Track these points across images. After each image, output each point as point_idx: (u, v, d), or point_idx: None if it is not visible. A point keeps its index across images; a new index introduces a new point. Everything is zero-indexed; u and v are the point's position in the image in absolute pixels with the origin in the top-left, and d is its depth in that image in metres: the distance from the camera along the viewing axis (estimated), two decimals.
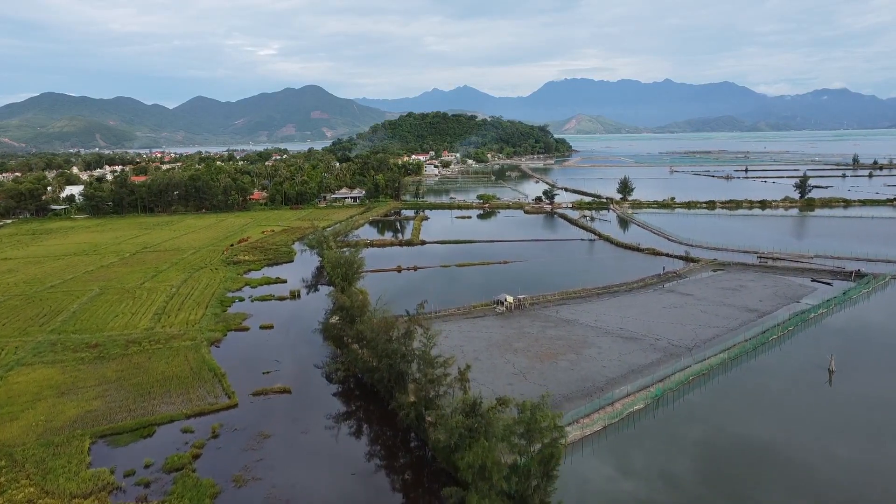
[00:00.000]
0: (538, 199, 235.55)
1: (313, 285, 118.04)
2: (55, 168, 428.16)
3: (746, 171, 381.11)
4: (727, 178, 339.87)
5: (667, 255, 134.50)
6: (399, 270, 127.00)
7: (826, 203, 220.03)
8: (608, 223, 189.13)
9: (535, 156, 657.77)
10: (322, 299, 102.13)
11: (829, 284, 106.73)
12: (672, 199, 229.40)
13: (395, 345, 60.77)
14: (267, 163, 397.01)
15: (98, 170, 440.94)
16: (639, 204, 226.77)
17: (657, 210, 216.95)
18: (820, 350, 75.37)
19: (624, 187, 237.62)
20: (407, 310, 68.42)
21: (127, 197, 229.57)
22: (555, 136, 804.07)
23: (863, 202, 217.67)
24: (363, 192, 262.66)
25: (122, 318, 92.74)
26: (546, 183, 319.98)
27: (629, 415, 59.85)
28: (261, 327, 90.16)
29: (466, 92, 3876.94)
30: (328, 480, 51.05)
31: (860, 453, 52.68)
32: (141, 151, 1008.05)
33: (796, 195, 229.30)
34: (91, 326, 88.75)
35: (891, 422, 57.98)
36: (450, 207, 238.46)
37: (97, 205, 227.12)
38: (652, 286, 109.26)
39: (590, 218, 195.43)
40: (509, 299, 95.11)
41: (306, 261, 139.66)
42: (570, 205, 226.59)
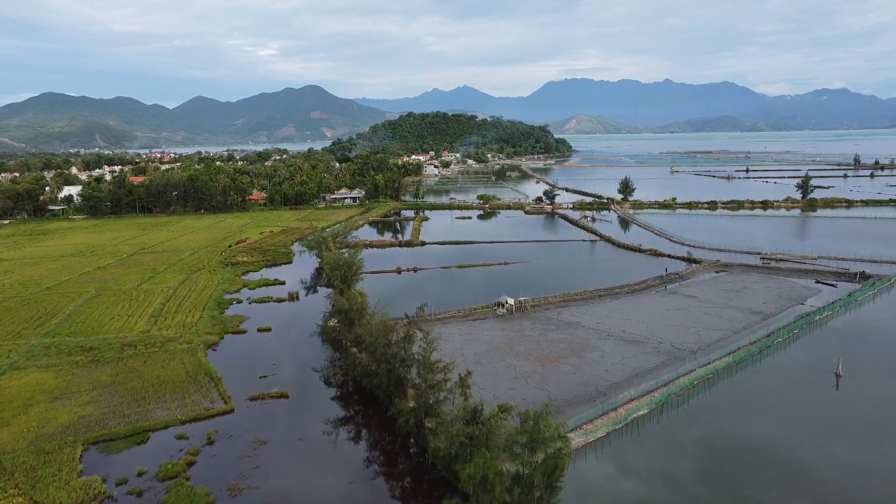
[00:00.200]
0: (539, 200, 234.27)
1: (312, 287, 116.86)
2: (54, 168, 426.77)
3: (747, 172, 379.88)
4: (728, 179, 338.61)
5: (669, 257, 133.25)
6: (399, 272, 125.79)
7: (828, 203, 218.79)
8: (609, 224, 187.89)
9: (536, 156, 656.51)
10: (321, 301, 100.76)
11: (834, 286, 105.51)
12: (673, 200, 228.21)
13: (395, 349, 59.59)
14: (266, 163, 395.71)
15: (97, 170, 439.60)
16: (640, 204, 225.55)
17: (658, 210, 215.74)
18: (826, 353, 74.14)
19: (625, 188, 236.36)
20: (406, 313, 67.25)
21: (125, 197, 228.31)
22: (555, 136, 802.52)
23: (865, 202, 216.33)
24: (363, 193, 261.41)
25: (118, 321, 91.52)
26: (546, 183, 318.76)
27: (633, 420, 58.63)
28: (258, 330, 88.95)
29: (466, 92, 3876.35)
30: (325, 489, 49.83)
31: (871, 458, 51.51)
32: (140, 151, 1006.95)
33: (798, 195, 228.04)
34: (86, 329, 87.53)
35: None
36: (450, 208, 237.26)
37: (95, 205, 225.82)
38: (654, 288, 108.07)
39: (591, 218, 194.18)
40: (510, 301, 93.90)
41: (305, 262, 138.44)
42: (571, 205, 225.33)
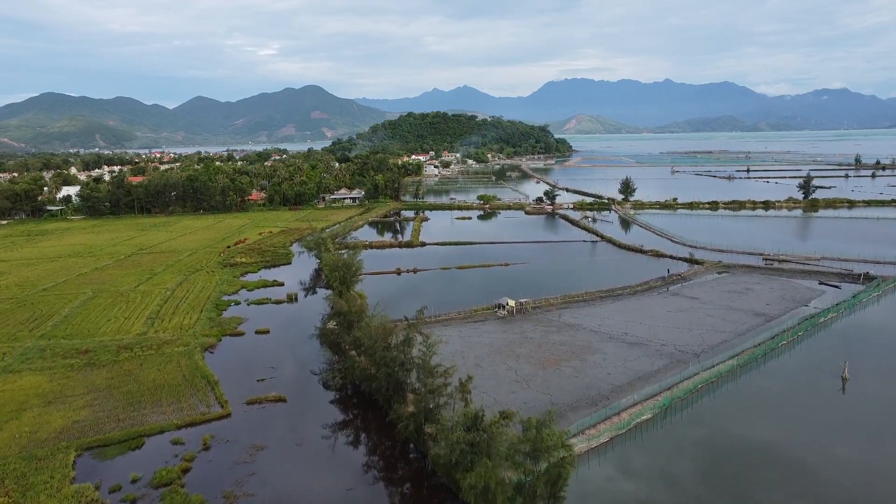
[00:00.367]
0: (539, 200, 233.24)
1: (311, 288, 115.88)
2: (53, 168, 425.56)
3: (748, 172, 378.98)
4: (729, 179, 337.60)
5: (670, 258, 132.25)
6: (398, 273, 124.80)
7: (830, 204, 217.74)
8: (610, 224, 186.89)
9: (536, 156, 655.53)
10: (320, 302, 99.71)
11: (838, 287, 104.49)
12: (674, 200, 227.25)
13: (394, 352, 58.59)
14: (266, 163, 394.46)
15: (96, 170, 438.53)
16: (641, 205, 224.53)
17: (659, 211, 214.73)
18: (831, 356, 73.14)
19: (626, 188, 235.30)
20: (406, 316, 66.17)
21: (124, 198, 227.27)
22: (555, 137, 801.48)
23: (867, 203, 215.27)
24: (362, 193, 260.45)
25: (115, 323, 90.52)
26: (547, 183, 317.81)
27: (636, 425, 57.63)
28: (256, 332, 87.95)
29: (466, 92, 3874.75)
30: (323, 496, 48.83)
31: (880, 463, 50.54)
32: (140, 151, 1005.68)
33: (800, 196, 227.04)
34: (82, 331, 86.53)
35: None
36: (450, 208, 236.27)
37: (94, 206, 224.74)
38: (656, 289, 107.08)
39: (591, 219, 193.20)
40: (511, 303, 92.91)
41: (304, 263, 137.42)
42: (572, 205, 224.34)
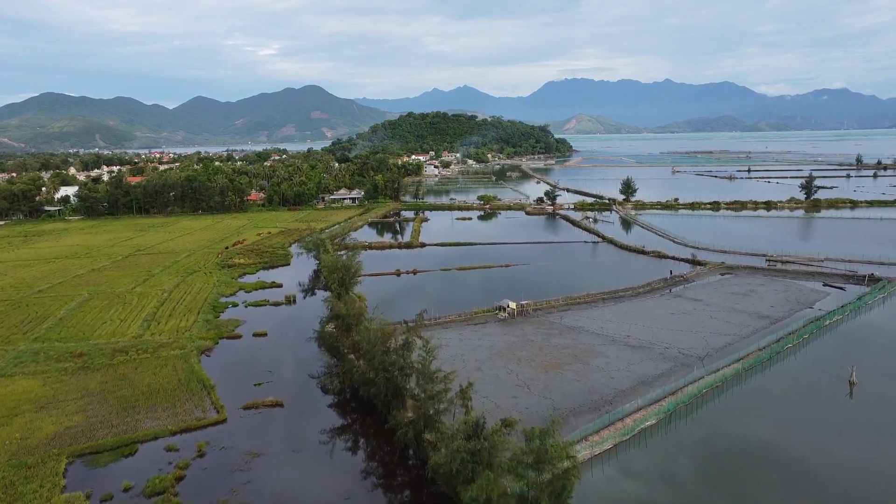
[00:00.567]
0: (540, 201, 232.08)
1: (310, 289, 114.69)
2: (52, 168, 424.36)
3: (749, 172, 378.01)
4: (730, 179, 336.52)
5: (672, 259, 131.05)
6: (398, 274, 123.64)
7: (832, 204, 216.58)
8: (611, 225, 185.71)
9: (536, 156, 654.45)
10: (318, 304, 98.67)
11: (842, 289, 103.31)
12: (675, 200, 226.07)
13: (393, 357, 57.43)
14: (265, 163, 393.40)
15: (96, 170, 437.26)
16: (642, 205, 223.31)
17: (661, 211, 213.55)
18: (838, 360, 71.94)
19: (627, 188, 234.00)
20: (405, 319, 65.09)
21: (122, 198, 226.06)
22: (555, 137, 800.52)
23: (870, 203, 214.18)
24: (362, 193, 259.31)
25: (110, 326, 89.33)
26: (547, 183, 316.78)
27: (641, 431, 56.46)
28: (254, 335, 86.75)
29: (466, 92, 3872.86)
30: None
31: (893, 469, 49.28)
32: (140, 152, 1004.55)
33: (801, 196, 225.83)
34: (77, 334, 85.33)
35: None
36: (450, 208, 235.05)
37: (92, 206, 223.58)
38: (659, 291, 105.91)
39: (593, 219, 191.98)
40: (512, 305, 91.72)
41: (303, 264, 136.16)
42: (573, 206, 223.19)
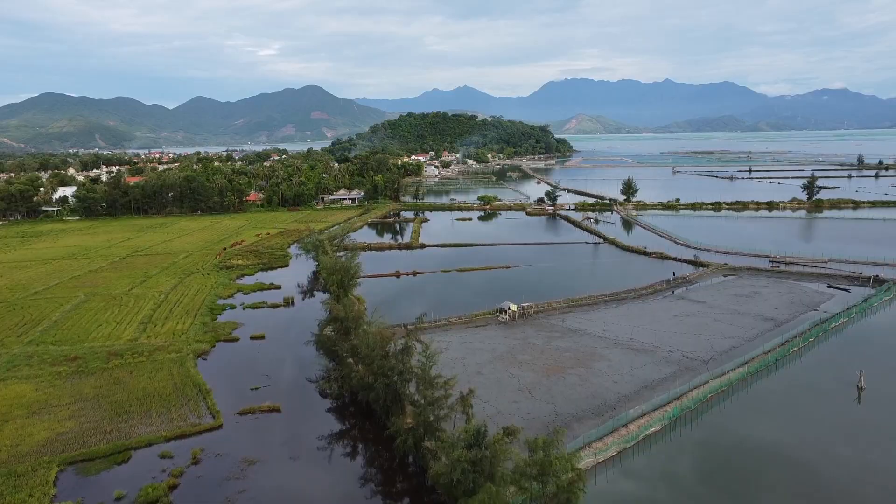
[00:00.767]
0: (540, 201, 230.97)
1: (309, 291, 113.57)
2: (51, 168, 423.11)
3: (750, 172, 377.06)
4: (731, 179, 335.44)
5: (675, 260, 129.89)
6: (398, 276, 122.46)
7: (835, 204, 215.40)
8: (612, 225, 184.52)
9: (536, 156, 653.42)
10: (317, 306, 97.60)
11: (847, 291, 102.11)
12: (677, 201, 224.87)
13: (392, 361, 56.21)
14: (265, 163, 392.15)
15: (95, 170, 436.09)
16: (643, 205, 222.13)
17: (662, 212, 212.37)
18: (845, 363, 70.79)
19: (628, 188, 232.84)
20: (404, 323, 63.88)
21: (120, 198, 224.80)
22: (555, 137, 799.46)
23: (872, 203, 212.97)
24: (362, 194, 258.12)
25: (106, 328, 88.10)
26: (547, 184, 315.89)
27: (645, 437, 55.25)
28: (251, 338, 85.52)
29: (467, 92, 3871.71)
30: None
31: None
32: (139, 152, 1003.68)
33: (803, 196, 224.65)
34: (72, 337, 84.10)
35: None
36: (450, 209, 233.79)
37: (90, 206, 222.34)
38: (661, 292, 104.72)
39: (594, 220, 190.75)
40: (513, 307, 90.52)
41: (302, 265, 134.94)
42: (573, 206, 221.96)
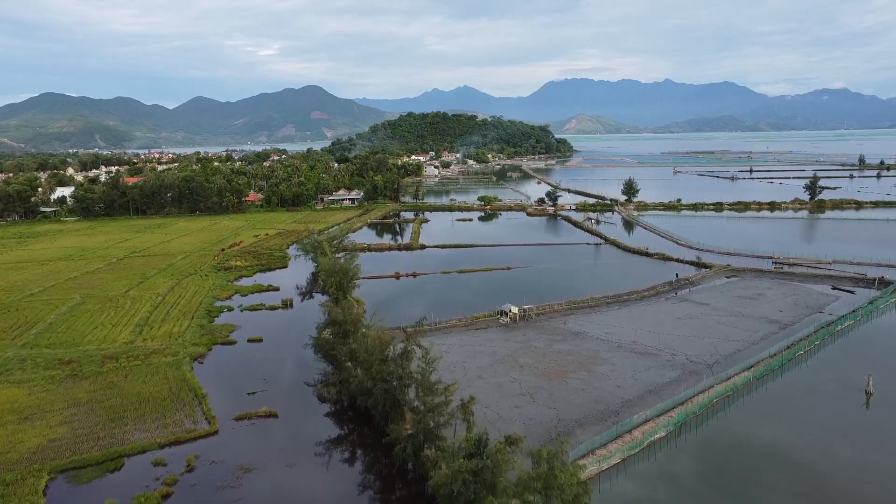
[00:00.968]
0: (541, 201, 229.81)
1: (307, 293, 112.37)
2: (50, 169, 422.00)
3: (751, 172, 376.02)
4: (732, 179, 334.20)
5: (677, 261, 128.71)
6: (397, 277, 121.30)
7: (837, 205, 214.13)
8: (613, 226, 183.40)
9: (537, 156, 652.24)
10: (316, 308, 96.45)
11: (852, 293, 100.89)
12: (678, 201, 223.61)
13: (391, 366, 55.03)
14: (265, 163, 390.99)
15: (94, 170, 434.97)
16: (644, 206, 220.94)
17: (663, 212, 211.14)
18: (852, 367, 69.59)
19: (629, 189, 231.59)
20: (403, 326, 62.69)
21: (118, 199, 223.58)
22: (556, 137, 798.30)
23: (875, 204, 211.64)
24: (361, 194, 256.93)
25: (102, 331, 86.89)
26: (548, 184, 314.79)
27: (650, 444, 54.06)
28: (249, 340, 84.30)
29: (467, 92, 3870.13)
30: None
31: None
32: (139, 152, 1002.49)
33: (805, 196, 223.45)
34: (67, 340, 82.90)
35: None
36: (450, 209, 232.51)
37: (88, 207, 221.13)
38: (664, 294, 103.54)
39: (594, 221, 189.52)
40: (514, 310, 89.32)
41: (301, 266, 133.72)
42: (574, 207, 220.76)
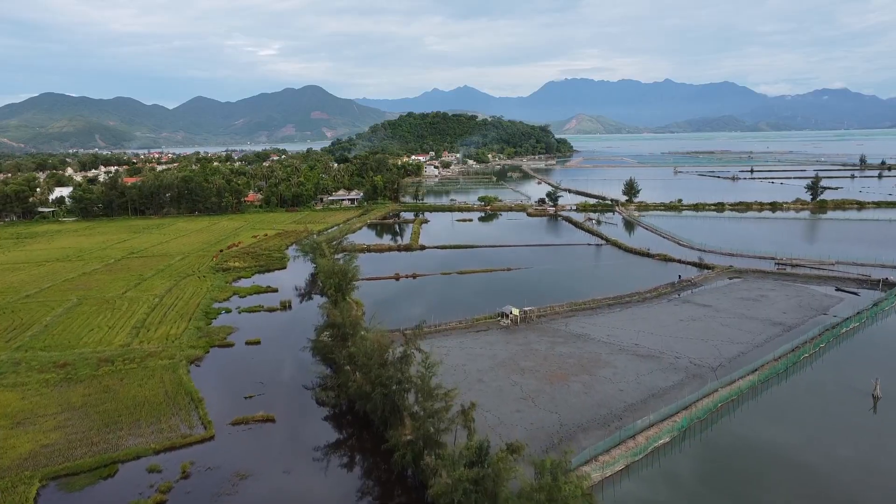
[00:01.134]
0: (541, 202, 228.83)
1: (306, 294, 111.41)
2: (49, 169, 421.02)
3: (752, 172, 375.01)
4: (733, 179, 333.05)
5: (679, 262, 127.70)
6: (397, 278, 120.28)
7: (839, 205, 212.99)
8: (614, 226, 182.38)
9: (537, 156, 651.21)
10: (315, 310, 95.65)
11: (856, 294, 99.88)
12: (679, 201, 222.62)
13: (390, 370, 54.04)
14: (264, 163, 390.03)
15: (93, 171, 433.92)
16: (645, 206, 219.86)
17: (664, 212, 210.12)
18: (858, 371, 68.57)
19: (630, 189, 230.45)
20: (403, 329, 61.69)
21: (117, 199, 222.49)
22: (556, 137, 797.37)
23: (877, 204, 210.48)
24: (361, 194, 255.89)
25: (98, 333, 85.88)
26: (548, 184, 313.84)
27: (654, 450, 53.05)
28: (247, 343, 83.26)
29: (467, 92, 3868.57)
30: None
31: None
32: (139, 152, 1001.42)
33: (807, 197, 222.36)
34: (62, 342, 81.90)
35: None
36: (450, 210, 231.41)
37: (86, 207, 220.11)
38: (666, 296, 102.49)
39: (595, 221, 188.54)
40: (515, 311, 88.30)
41: (300, 267, 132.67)
42: (575, 207, 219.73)
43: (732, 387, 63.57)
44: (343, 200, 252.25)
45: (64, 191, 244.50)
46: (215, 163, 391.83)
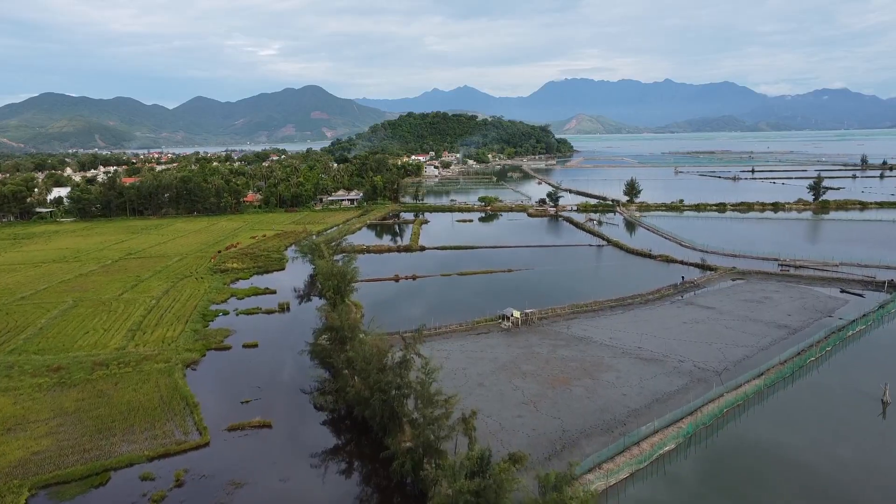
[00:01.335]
0: (542, 202, 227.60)
1: (305, 296, 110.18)
2: (48, 169, 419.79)
3: (753, 172, 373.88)
4: (734, 179, 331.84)
5: (681, 263, 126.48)
6: (396, 279, 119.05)
7: (841, 205, 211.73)
8: (616, 227, 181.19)
9: (537, 156, 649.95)
10: (313, 312, 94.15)
11: (861, 296, 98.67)
12: (681, 202, 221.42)
13: (389, 376, 52.81)
14: (264, 164, 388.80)
15: (92, 171, 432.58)
16: (646, 206, 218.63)
17: (666, 213, 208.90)
18: (866, 374, 67.35)
19: (631, 189, 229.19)
20: (402, 332, 60.47)
21: (115, 199, 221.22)
22: (556, 137, 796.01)
23: (880, 205, 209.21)
24: (361, 195, 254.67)
25: (93, 336, 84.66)
26: (549, 184, 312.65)
27: (659, 457, 51.82)
28: (244, 346, 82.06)
29: (467, 92, 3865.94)
30: None
31: None
32: (139, 152, 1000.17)
33: (809, 197, 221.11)
34: (56, 345, 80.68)
35: None
36: (450, 210, 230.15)
37: (84, 208, 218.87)
38: (669, 298, 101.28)
39: (597, 222, 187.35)
40: (516, 314, 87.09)
41: (298, 268, 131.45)
42: (576, 207, 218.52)
43: (738, 391, 62.38)
44: (342, 201, 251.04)
45: (62, 191, 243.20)
46: (215, 163, 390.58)
